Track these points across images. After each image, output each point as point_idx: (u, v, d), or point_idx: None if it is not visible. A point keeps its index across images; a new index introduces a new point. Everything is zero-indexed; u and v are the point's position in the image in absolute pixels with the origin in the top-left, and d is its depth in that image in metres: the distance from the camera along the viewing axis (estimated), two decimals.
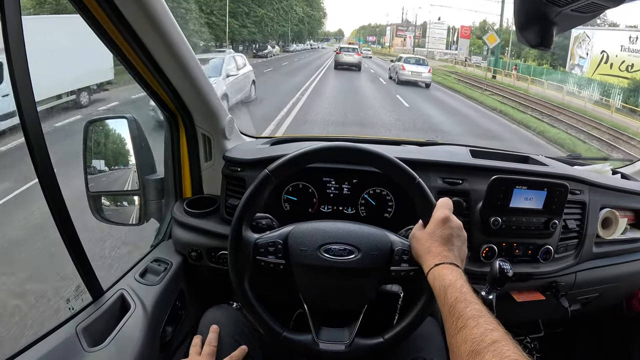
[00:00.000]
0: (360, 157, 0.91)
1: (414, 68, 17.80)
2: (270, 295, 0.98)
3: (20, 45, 0.74)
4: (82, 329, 0.89)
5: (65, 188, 0.86)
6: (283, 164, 0.89)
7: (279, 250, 0.88)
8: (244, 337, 1.02)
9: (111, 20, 0.87)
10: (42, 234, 3.01)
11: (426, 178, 1.15)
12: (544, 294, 1.25)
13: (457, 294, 0.68)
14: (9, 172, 4.17)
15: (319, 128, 8.14)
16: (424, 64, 18.66)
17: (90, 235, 2.63)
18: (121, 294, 1.03)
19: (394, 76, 18.51)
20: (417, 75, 17.52)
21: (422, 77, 17.55)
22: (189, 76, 1.09)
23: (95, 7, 0.84)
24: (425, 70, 17.70)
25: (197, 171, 1.32)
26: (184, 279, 1.22)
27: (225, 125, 1.28)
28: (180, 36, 1.00)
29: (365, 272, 0.88)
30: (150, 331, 0.99)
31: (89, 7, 0.84)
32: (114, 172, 1.25)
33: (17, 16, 0.72)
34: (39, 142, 0.80)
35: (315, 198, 1.23)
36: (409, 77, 17.30)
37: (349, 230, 0.90)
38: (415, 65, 18.15)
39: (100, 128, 1.24)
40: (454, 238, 0.80)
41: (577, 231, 1.24)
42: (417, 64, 18.27)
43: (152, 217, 1.32)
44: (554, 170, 1.25)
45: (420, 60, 19.21)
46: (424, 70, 17.71)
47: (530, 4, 0.69)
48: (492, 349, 0.56)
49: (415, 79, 17.49)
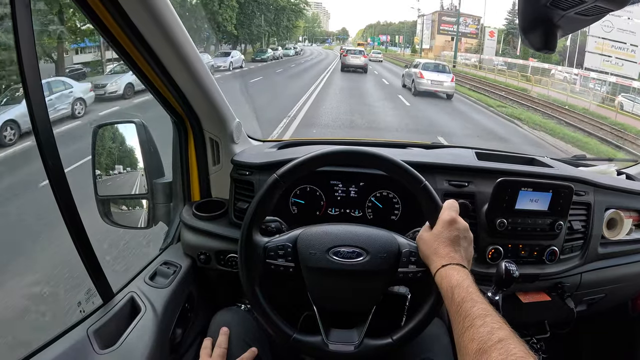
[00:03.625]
0: (367, 160, 0.92)
1: (434, 76, 15.05)
2: (279, 297, 0.99)
3: (31, 48, 0.75)
4: (93, 331, 0.90)
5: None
6: (292, 169, 0.90)
7: (289, 253, 0.90)
8: (254, 339, 1.03)
9: (119, 25, 0.88)
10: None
11: (432, 181, 1.15)
12: (550, 294, 1.25)
13: (464, 294, 0.69)
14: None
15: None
16: (446, 71, 16.06)
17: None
18: (131, 297, 1.04)
19: (408, 84, 16.06)
20: (438, 84, 14.87)
21: (443, 86, 14.90)
22: (197, 80, 1.10)
23: (103, 12, 0.85)
24: (447, 79, 15.04)
25: (205, 175, 1.33)
26: (193, 281, 1.23)
27: (233, 129, 1.29)
28: (188, 40, 1.01)
29: (374, 274, 0.89)
30: (160, 333, 1.00)
31: (97, 12, 0.85)
32: (122, 176, 1.26)
33: (27, 21, 0.73)
34: (50, 144, 0.80)
35: (322, 201, 1.24)
36: (428, 87, 14.73)
37: (357, 233, 0.91)
38: (435, 72, 15.39)
39: (109, 132, 1.26)
40: (461, 239, 0.81)
41: (582, 232, 1.24)
42: (437, 71, 15.57)
43: (161, 221, 1.33)
44: (559, 172, 1.25)
45: (441, 67, 16.47)
46: (446, 79, 15.04)
47: (533, 7, 0.70)
48: (499, 347, 0.57)
49: (436, 88, 14.86)
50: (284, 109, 10.11)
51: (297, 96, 12.51)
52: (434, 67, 16.00)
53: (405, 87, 16.53)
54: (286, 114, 9.44)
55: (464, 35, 42.85)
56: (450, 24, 44.93)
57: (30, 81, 0.75)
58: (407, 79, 16.39)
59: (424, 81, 14.78)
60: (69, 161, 1.04)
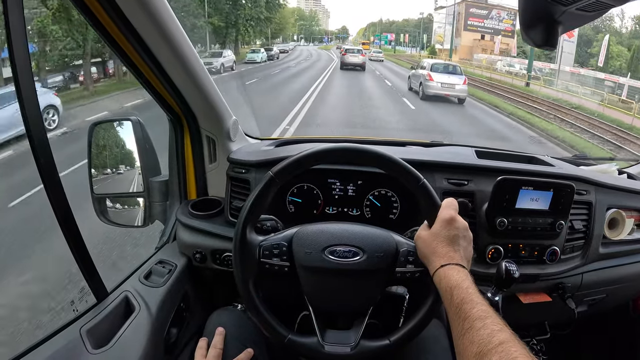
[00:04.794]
0: (364, 158, 0.91)
1: (445, 78, 13.33)
2: (275, 297, 0.98)
3: (24, 49, 0.74)
4: (86, 330, 0.89)
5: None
6: (287, 166, 0.88)
7: (284, 252, 0.88)
8: (250, 340, 1.02)
9: (116, 24, 0.88)
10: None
11: (431, 179, 1.14)
12: (551, 295, 1.24)
13: (463, 295, 0.68)
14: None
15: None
16: (458, 72, 14.27)
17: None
18: (125, 296, 1.03)
19: (415, 87, 14.49)
20: (449, 87, 13.14)
21: (455, 90, 13.23)
22: (193, 78, 1.09)
23: (100, 11, 0.85)
24: (459, 82, 13.37)
25: (202, 173, 1.32)
26: (189, 280, 1.22)
27: (229, 127, 1.28)
28: (185, 39, 1.00)
29: (371, 274, 0.87)
30: (155, 333, 0.99)
31: (94, 11, 0.85)
32: (118, 174, 1.25)
33: (20, 21, 0.72)
34: (43, 144, 0.80)
35: (320, 200, 1.23)
36: (438, 91, 13.01)
37: (353, 231, 0.90)
38: (445, 74, 13.67)
39: (105, 130, 1.25)
40: (460, 238, 0.80)
41: (583, 232, 1.23)
42: (448, 73, 13.88)
43: (157, 219, 1.32)
44: (560, 171, 1.24)
45: (451, 68, 14.70)
46: (458, 82, 13.35)
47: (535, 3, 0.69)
48: (499, 350, 0.56)
49: (447, 92, 13.13)
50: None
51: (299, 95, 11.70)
52: (444, 68, 14.33)
53: (412, 90, 14.98)
54: (281, 123, 8.57)
55: (496, 33, 33.71)
56: (481, 18, 35.74)
57: (22, 82, 0.75)
58: (414, 81, 14.77)
59: (433, 84, 13.13)
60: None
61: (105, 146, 1.25)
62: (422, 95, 13.25)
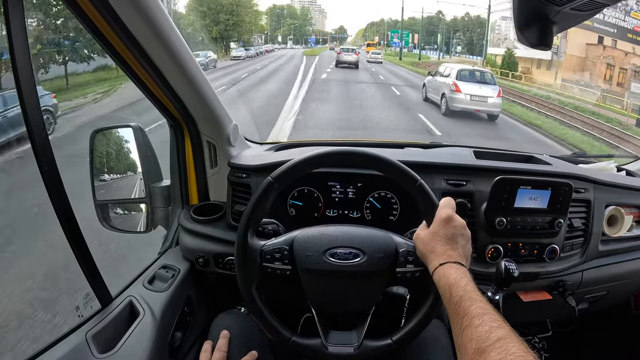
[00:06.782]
0: (362, 160, 0.92)
1: (475, 89, 10.44)
2: (277, 300, 0.98)
3: (24, 49, 0.74)
4: (91, 335, 0.90)
5: None
6: (286, 171, 0.89)
7: (285, 256, 0.89)
8: (254, 342, 1.03)
9: (114, 31, 0.88)
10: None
11: (430, 180, 1.15)
12: (551, 293, 1.24)
13: (461, 293, 0.69)
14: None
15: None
16: (491, 82, 11.35)
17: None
18: (130, 301, 1.04)
19: (434, 98, 11.71)
20: (480, 102, 10.34)
21: (487, 104, 10.40)
22: (193, 84, 1.10)
23: (97, 18, 0.85)
24: (493, 94, 10.55)
25: (203, 178, 1.33)
26: (192, 285, 1.23)
27: (229, 132, 1.29)
28: (183, 44, 1.01)
29: (371, 275, 0.88)
30: (159, 337, 1.00)
31: (92, 18, 0.85)
32: (120, 180, 1.26)
33: (21, 21, 0.73)
34: (45, 147, 0.80)
35: (320, 202, 1.24)
36: (467, 105, 10.27)
37: (353, 233, 0.91)
38: (476, 84, 10.81)
39: (106, 137, 1.26)
40: (458, 237, 0.81)
41: (582, 229, 1.24)
42: (478, 82, 11.04)
43: (159, 224, 1.33)
44: (557, 169, 1.25)
45: (482, 75, 11.67)
46: (492, 94, 10.53)
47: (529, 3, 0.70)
48: (498, 347, 0.57)
49: (477, 107, 10.36)
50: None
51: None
52: (473, 76, 11.36)
53: (428, 100, 12.27)
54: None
55: (620, 36, 17.73)
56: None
57: (24, 86, 0.75)
58: (432, 92, 11.93)
59: (461, 96, 10.30)
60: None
61: (107, 153, 1.25)
62: (445, 111, 10.59)
